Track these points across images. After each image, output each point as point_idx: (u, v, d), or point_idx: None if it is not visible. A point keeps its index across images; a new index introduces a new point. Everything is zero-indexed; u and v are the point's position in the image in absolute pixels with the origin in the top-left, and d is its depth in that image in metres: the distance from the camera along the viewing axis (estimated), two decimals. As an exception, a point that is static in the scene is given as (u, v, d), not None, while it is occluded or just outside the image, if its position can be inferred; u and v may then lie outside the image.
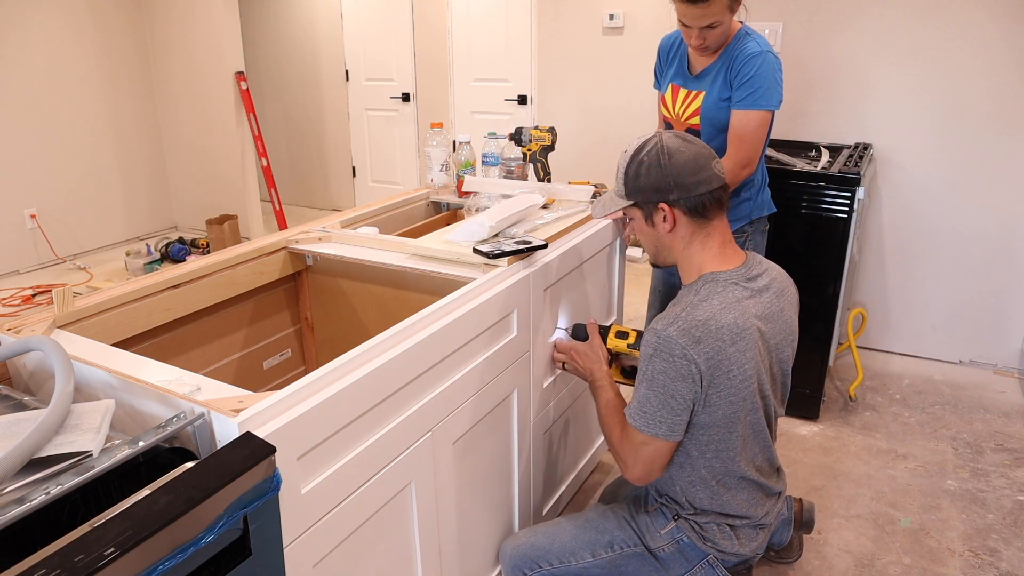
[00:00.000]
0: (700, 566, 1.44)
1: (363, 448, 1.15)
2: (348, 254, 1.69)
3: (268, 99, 5.86)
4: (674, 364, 1.28)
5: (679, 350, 1.28)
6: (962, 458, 2.41)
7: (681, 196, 1.33)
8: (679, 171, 1.33)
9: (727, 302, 1.32)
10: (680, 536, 1.45)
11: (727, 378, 1.30)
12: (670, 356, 1.28)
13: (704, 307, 1.31)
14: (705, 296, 1.33)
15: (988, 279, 2.94)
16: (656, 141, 1.36)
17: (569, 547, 1.51)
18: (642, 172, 1.36)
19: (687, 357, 1.27)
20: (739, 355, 1.30)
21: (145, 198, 5.09)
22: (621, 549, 1.49)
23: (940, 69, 2.81)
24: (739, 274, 1.36)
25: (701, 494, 1.43)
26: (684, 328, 1.28)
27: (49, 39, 4.40)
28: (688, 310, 1.31)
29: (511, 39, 4.57)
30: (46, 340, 1.06)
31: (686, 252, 1.40)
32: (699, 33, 1.84)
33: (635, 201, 1.40)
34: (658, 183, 1.34)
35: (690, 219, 1.36)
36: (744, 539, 1.45)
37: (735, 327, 1.30)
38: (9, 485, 0.84)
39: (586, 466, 2.15)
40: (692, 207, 1.34)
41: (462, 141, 2.18)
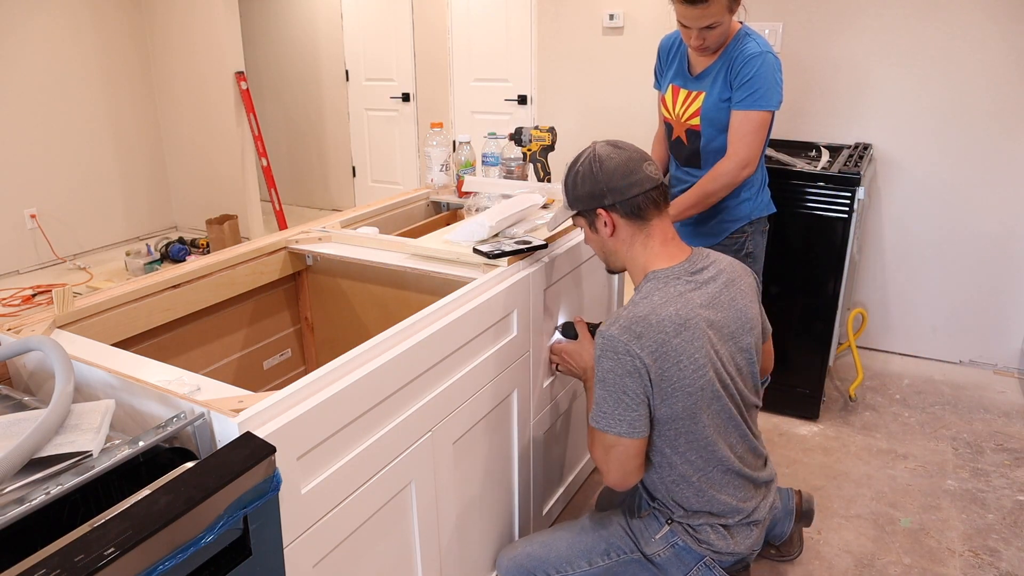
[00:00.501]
0: (697, 568, 1.45)
1: (363, 448, 1.15)
2: (348, 254, 1.69)
3: (268, 99, 5.86)
4: (619, 361, 1.31)
5: (622, 347, 1.30)
6: (962, 458, 2.41)
7: (616, 200, 1.38)
8: (610, 176, 1.38)
9: (668, 296, 1.35)
10: (675, 540, 1.45)
11: (677, 369, 1.32)
12: (614, 354, 1.31)
13: (645, 303, 1.34)
14: (647, 293, 1.37)
15: (988, 279, 2.94)
16: (589, 151, 1.43)
17: (565, 556, 1.52)
18: (579, 182, 1.42)
19: (630, 352, 1.30)
20: (686, 345, 1.32)
21: (145, 198, 5.09)
22: (618, 556, 1.50)
23: (940, 69, 2.81)
24: (682, 268, 1.40)
25: (686, 492, 1.43)
26: (625, 325, 1.31)
27: (49, 39, 4.40)
28: (630, 308, 1.35)
29: (511, 39, 4.57)
30: (46, 340, 1.06)
31: (630, 254, 1.44)
32: (698, 34, 1.84)
33: (577, 210, 1.45)
34: (593, 190, 1.40)
35: (628, 221, 1.40)
36: (739, 537, 1.45)
37: (678, 318, 1.32)
38: (9, 485, 0.84)
39: (586, 466, 2.15)
40: (628, 210, 1.39)
41: (462, 141, 2.18)
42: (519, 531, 1.76)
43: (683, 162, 2.10)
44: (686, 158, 2.08)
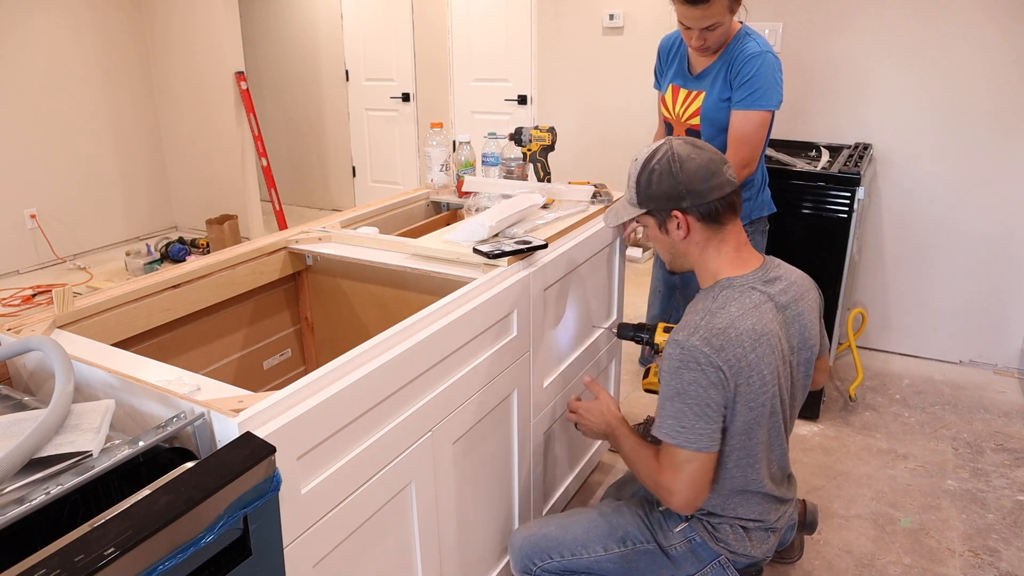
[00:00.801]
0: (711, 566, 1.44)
1: (363, 448, 1.15)
2: (348, 254, 1.69)
3: (268, 99, 5.86)
4: (704, 373, 1.26)
5: (705, 359, 1.26)
6: (962, 458, 2.41)
7: (694, 203, 1.33)
8: (691, 178, 1.32)
9: (745, 307, 1.31)
10: (693, 535, 1.44)
11: (747, 384, 1.29)
12: (698, 365, 1.26)
13: (722, 314, 1.29)
14: (723, 303, 1.32)
15: (988, 279, 2.94)
16: (667, 149, 1.35)
17: (581, 540, 1.50)
18: (654, 180, 1.35)
19: (714, 365, 1.26)
20: (759, 360, 1.29)
21: (145, 198, 5.09)
22: (633, 545, 1.48)
23: (940, 69, 2.81)
24: (756, 277, 1.35)
25: (715, 500, 1.42)
26: (706, 337, 1.27)
27: (49, 39, 4.40)
28: (707, 318, 1.30)
29: (511, 39, 4.57)
30: (46, 340, 1.06)
31: (701, 258, 1.39)
32: (699, 34, 1.84)
33: (648, 209, 1.39)
34: (671, 191, 1.34)
35: (704, 225, 1.35)
36: (756, 541, 1.45)
37: (754, 332, 1.29)
38: (9, 485, 0.84)
39: (586, 466, 2.15)
40: (705, 213, 1.33)
41: (462, 141, 2.18)
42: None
43: None
44: None
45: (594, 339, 2.00)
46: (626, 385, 2.87)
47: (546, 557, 1.52)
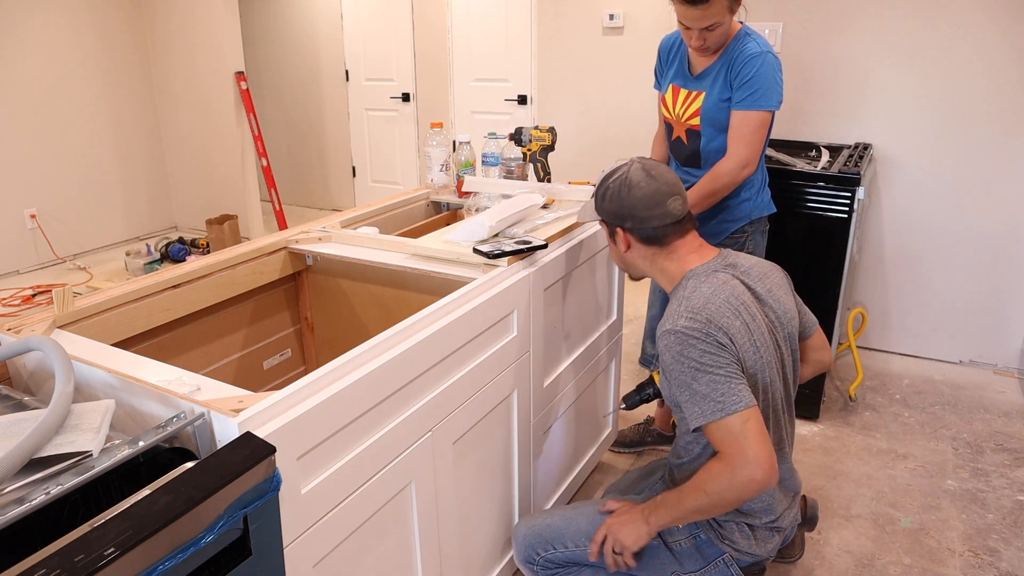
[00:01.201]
0: (715, 564, 1.44)
1: (363, 448, 1.15)
2: (348, 254, 1.69)
3: (268, 99, 5.86)
4: (707, 341, 1.29)
5: (700, 330, 1.29)
6: (962, 458, 2.41)
7: (635, 226, 1.43)
8: (634, 205, 1.42)
9: (714, 285, 1.36)
10: (698, 532, 1.44)
11: (743, 351, 1.32)
12: (697, 339, 1.29)
13: (695, 296, 1.34)
14: (693, 288, 1.37)
15: (988, 279, 2.94)
16: (624, 172, 1.45)
17: (586, 531, 1.49)
18: (607, 197, 1.47)
19: (710, 335, 1.29)
20: (745, 328, 1.33)
21: (145, 198, 5.09)
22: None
23: (940, 69, 2.81)
24: (716, 263, 1.43)
25: None
26: (689, 316, 1.31)
27: (49, 39, 4.40)
28: (682, 304, 1.35)
29: (511, 39, 4.57)
30: (46, 340, 1.06)
31: (653, 269, 1.48)
32: (699, 34, 1.84)
33: (601, 218, 1.50)
34: (616, 210, 1.45)
35: (644, 245, 1.45)
36: (761, 540, 1.45)
37: (731, 302, 1.33)
38: (9, 485, 0.84)
39: (586, 466, 2.15)
40: (645, 237, 1.44)
41: (462, 141, 2.18)
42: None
43: (683, 162, 2.10)
44: (686, 158, 2.08)
45: (594, 339, 2.00)
46: (626, 385, 2.87)
47: (549, 547, 1.52)
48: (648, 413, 2.60)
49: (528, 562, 1.55)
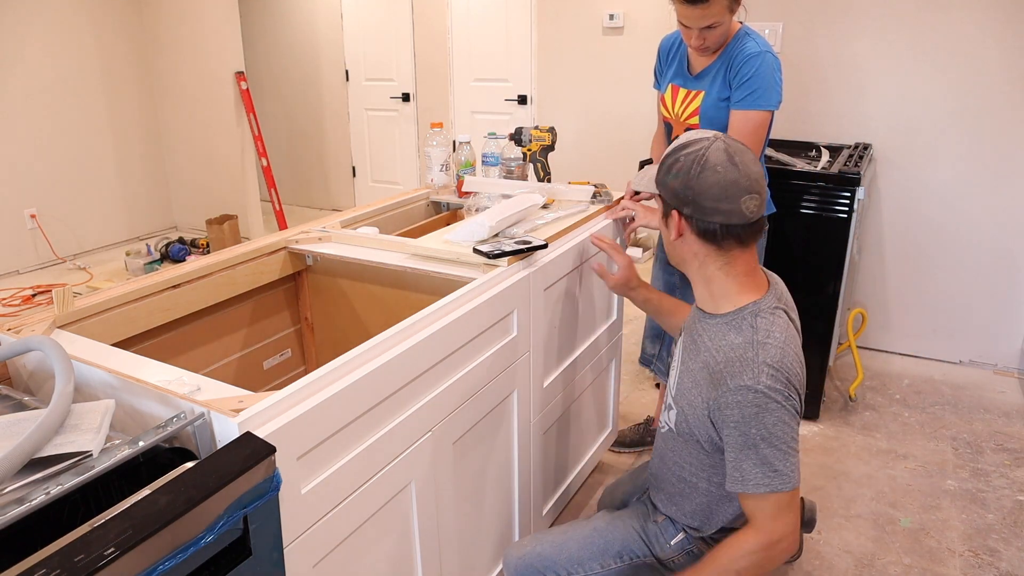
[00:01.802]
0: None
1: (363, 448, 1.15)
2: (348, 254, 1.69)
3: (268, 99, 5.86)
4: (785, 409, 1.22)
5: (781, 395, 1.21)
6: (962, 458, 2.41)
7: (694, 214, 1.26)
8: (703, 191, 1.24)
9: (784, 330, 1.26)
10: (691, 547, 1.42)
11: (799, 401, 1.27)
12: (778, 405, 1.21)
13: (771, 343, 1.23)
14: (766, 332, 1.25)
15: (988, 279, 2.94)
16: (703, 147, 1.26)
17: (576, 557, 1.47)
18: (673, 171, 1.28)
19: (790, 397, 1.22)
20: (803, 377, 1.28)
21: (145, 198, 5.09)
22: (631, 559, 1.45)
23: (940, 69, 2.81)
24: (774, 296, 1.31)
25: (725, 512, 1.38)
26: (772, 373, 1.22)
27: (49, 39, 4.40)
28: (761, 352, 1.23)
29: (511, 39, 4.57)
30: (46, 340, 1.06)
31: (698, 272, 1.32)
32: (699, 34, 1.84)
33: (659, 193, 1.35)
34: (680, 191, 1.27)
35: (699, 239, 1.28)
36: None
37: (798, 353, 1.27)
38: (9, 485, 0.84)
39: (586, 466, 2.15)
40: (703, 231, 1.26)
41: (462, 141, 2.18)
42: (519, 531, 1.76)
43: None
44: None
45: (594, 339, 2.00)
46: (626, 385, 2.87)
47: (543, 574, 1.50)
48: (648, 413, 2.60)
49: None
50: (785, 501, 1.22)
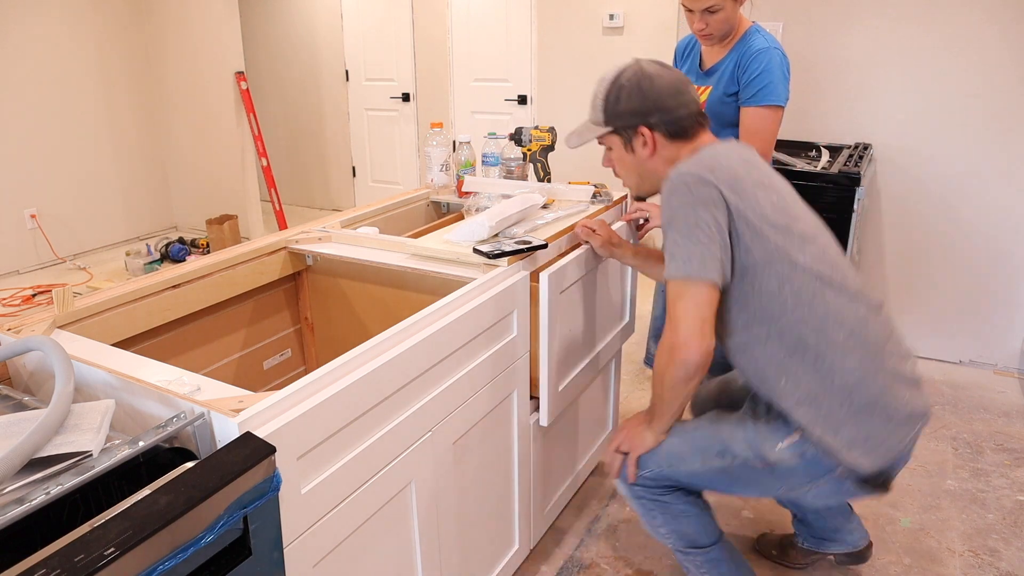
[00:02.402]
0: (826, 479, 1.30)
1: (363, 448, 1.15)
2: (348, 254, 1.69)
3: (268, 99, 5.86)
4: (691, 192, 1.23)
5: (693, 178, 1.24)
6: (962, 458, 2.41)
7: (662, 119, 1.33)
8: (660, 94, 1.33)
9: (729, 150, 1.31)
10: (804, 450, 1.29)
11: (752, 205, 1.24)
12: (686, 187, 1.24)
13: (706, 156, 1.29)
14: (703, 153, 1.32)
15: (988, 279, 2.94)
16: (636, 67, 1.37)
17: (678, 451, 1.41)
18: (623, 97, 1.35)
19: (704, 180, 1.23)
20: (756, 187, 1.27)
21: (145, 198, 5.09)
22: (733, 458, 1.36)
23: (940, 69, 2.81)
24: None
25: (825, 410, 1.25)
26: (694, 165, 1.26)
27: (49, 39, 4.40)
28: (693, 161, 1.29)
29: (511, 39, 4.57)
30: (46, 340, 1.06)
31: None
32: (700, 17, 1.86)
33: (614, 127, 1.39)
34: (639, 107, 1.34)
35: (670, 142, 1.35)
36: (880, 448, 1.27)
37: (743, 162, 1.29)
38: (9, 485, 0.84)
39: (586, 466, 2.15)
40: (673, 130, 1.35)
41: (462, 141, 2.18)
42: (519, 531, 1.76)
43: None
44: None
45: (609, 340, 2.00)
46: (626, 385, 2.87)
47: (642, 466, 1.45)
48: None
49: (623, 481, 1.50)
50: (674, 291, 1.24)
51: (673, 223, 1.25)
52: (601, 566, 1.93)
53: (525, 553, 1.82)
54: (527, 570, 1.91)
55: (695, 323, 1.23)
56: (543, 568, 1.92)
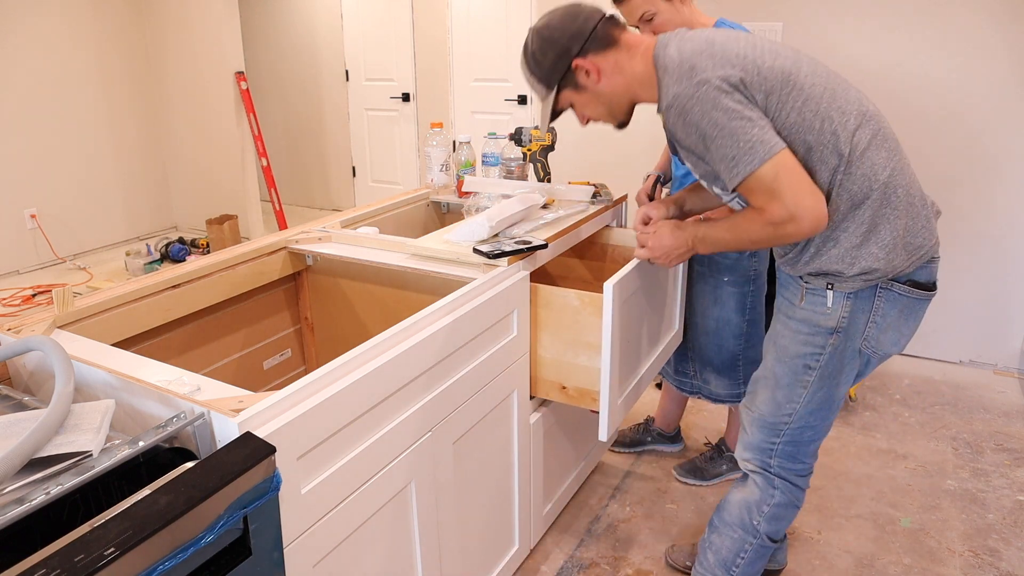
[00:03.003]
0: (876, 302, 1.35)
1: (363, 448, 1.15)
2: (348, 254, 1.69)
3: (268, 99, 5.86)
4: (707, 95, 1.21)
5: (694, 85, 1.22)
6: (962, 458, 2.41)
7: (582, 44, 1.34)
8: (562, 29, 1.35)
9: (704, 33, 1.30)
10: (846, 295, 1.35)
11: (773, 59, 1.24)
12: (697, 99, 1.22)
13: (686, 45, 1.28)
14: (676, 49, 1.29)
15: (988, 279, 2.94)
16: (531, 31, 1.40)
17: (779, 399, 1.45)
18: (539, 57, 1.38)
19: (707, 81, 1.21)
20: (768, 49, 1.26)
21: (145, 198, 5.09)
22: (816, 360, 1.40)
23: (939, 69, 2.81)
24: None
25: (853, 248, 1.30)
26: (682, 72, 1.24)
27: (49, 39, 4.40)
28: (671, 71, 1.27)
29: (511, 39, 4.57)
30: (46, 340, 1.06)
31: (631, 83, 1.37)
32: (643, 29, 1.77)
33: (555, 85, 1.40)
34: (557, 51, 1.36)
35: (603, 55, 1.36)
36: (915, 241, 1.32)
37: (742, 37, 1.28)
38: (9, 485, 0.84)
39: (586, 466, 2.15)
40: (599, 46, 1.35)
41: (462, 141, 2.18)
42: (519, 531, 1.76)
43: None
44: None
45: (660, 350, 1.95)
46: (626, 385, 2.87)
47: (773, 439, 1.49)
48: (648, 413, 2.60)
49: (764, 469, 1.53)
50: (769, 176, 1.22)
51: (708, 135, 1.23)
52: (601, 566, 1.93)
53: (525, 553, 1.82)
54: (527, 570, 1.91)
55: (812, 195, 1.23)
56: (543, 568, 1.92)
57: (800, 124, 1.25)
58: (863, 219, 1.29)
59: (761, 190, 1.24)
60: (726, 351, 2.04)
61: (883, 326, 1.37)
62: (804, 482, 1.54)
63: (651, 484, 2.28)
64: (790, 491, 1.53)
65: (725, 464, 2.28)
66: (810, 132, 1.26)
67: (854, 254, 1.31)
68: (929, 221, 1.35)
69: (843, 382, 1.43)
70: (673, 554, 1.94)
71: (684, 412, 2.51)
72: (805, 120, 1.25)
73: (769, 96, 1.24)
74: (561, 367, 1.63)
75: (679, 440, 2.46)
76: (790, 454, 1.50)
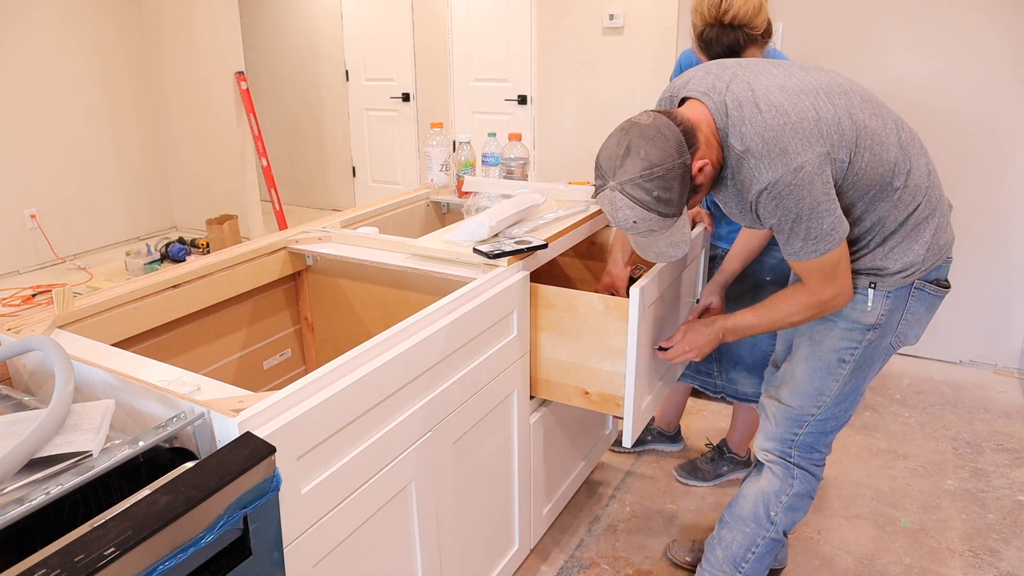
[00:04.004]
0: (911, 301, 1.41)
1: (363, 448, 1.15)
2: (348, 254, 1.69)
3: (268, 99, 5.86)
4: (805, 176, 1.21)
5: (797, 160, 1.21)
6: (962, 458, 2.41)
7: (688, 149, 1.24)
8: (665, 152, 1.21)
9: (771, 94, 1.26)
10: (884, 294, 1.40)
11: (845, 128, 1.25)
12: (796, 186, 1.22)
13: (767, 108, 1.24)
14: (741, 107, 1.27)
15: (988, 279, 2.94)
16: (618, 186, 1.24)
17: (810, 390, 1.49)
18: (664, 196, 1.23)
19: (801, 166, 1.21)
20: (825, 96, 1.27)
21: (145, 198, 5.09)
22: (851, 355, 1.45)
23: (939, 69, 2.81)
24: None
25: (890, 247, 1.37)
26: (772, 158, 1.22)
27: (49, 39, 4.40)
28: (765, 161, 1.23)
29: (511, 39, 4.58)
30: (46, 340, 1.06)
31: (714, 150, 1.30)
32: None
33: (686, 204, 1.29)
34: (680, 173, 1.23)
35: (696, 145, 1.26)
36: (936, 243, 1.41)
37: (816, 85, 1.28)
38: (9, 485, 0.84)
39: (586, 466, 2.15)
40: (690, 139, 1.25)
41: (462, 141, 2.18)
42: (519, 531, 1.76)
43: None
44: None
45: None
46: (626, 385, 2.87)
47: (798, 426, 1.53)
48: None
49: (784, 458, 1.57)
50: (834, 259, 1.29)
51: (802, 216, 1.24)
52: (601, 566, 1.93)
53: (525, 553, 1.82)
54: (527, 570, 1.91)
55: (849, 270, 1.34)
56: (543, 568, 1.92)
57: (873, 162, 1.29)
58: (912, 221, 1.37)
59: (822, 272, 1.32)
60: (759, 350, 2.03)
61: (911, 323, 1.44)
62: (820, 472, 1.59)
63: (651, 484, 2.28)
64: (808, 480, 1.57)
65: (726, 465, 2.28)
66: (883, 165, 1.30)
67: (899, 251, 1.37)
68: (948, 218, 1.44)
69: (871, 375, 1.49)
70: (673, 549, 1.94)
71: (684, 412, 2.51)
72: (876, 156, 1.29)
73: (852, 152, 1.27)
74: (583, 372, 1.61)
75: (679, 440, 2.46)
76: (810, 444, 1.55)
